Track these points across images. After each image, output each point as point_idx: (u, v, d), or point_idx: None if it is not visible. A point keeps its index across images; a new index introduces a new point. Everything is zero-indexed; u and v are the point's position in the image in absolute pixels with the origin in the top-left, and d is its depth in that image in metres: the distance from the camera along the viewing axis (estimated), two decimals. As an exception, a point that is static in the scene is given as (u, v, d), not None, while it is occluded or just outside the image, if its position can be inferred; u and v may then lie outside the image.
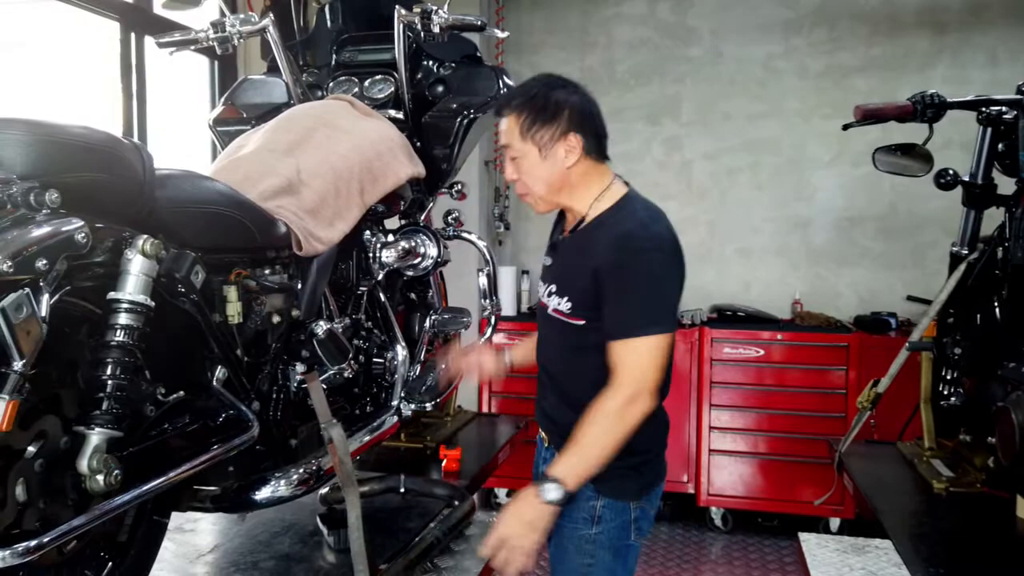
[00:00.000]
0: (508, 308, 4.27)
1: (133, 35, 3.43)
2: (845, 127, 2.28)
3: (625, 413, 1.50)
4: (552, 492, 1.48)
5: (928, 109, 2.17)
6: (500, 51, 4.53)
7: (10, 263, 0.96)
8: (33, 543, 0.96)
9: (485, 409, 4.21)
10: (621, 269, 1.52)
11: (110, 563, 1.29)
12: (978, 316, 2.20)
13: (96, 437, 1.13)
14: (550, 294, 1.66)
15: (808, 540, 1.95)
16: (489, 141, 4.52)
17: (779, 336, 3.95)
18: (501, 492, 4.38)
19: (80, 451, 1.12)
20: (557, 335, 1.67)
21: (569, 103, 1.58)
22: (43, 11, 3.01)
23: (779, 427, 3.98)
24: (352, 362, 1.77)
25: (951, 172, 2.23)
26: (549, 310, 1.65)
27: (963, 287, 2.25)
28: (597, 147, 1.62)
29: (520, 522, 1.50)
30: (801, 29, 4.30)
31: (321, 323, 1.67)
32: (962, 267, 2.25)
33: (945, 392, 2.21)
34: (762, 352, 3.93)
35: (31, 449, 1.10)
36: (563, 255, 1.68)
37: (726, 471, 4.00)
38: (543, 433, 1.77)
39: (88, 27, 3.17)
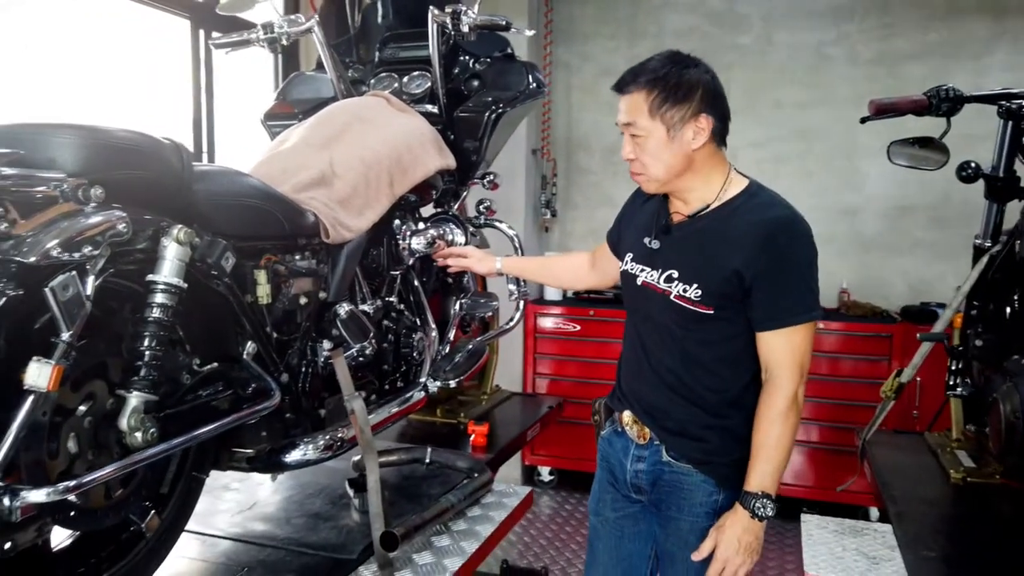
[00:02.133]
0: (554, 293, 4.40)
1: (202, 32, 3.67)
2: (862, 120, 2.30)
3: (796, 407, 1.53)
4: (767, 508, 1.52)
5: (943, 103, 2.18)
6: (548, 41, 4.62)
7: (60, 249, 1.13)
8: (73, 483, 1.14)
9: (529, 389, 4.35)
10: (782, 257, 1.51)
11: (152, 511, 1.48)
12: (998, 308, 2.21)
13: (135, 400, 1.30)
14: (669, 279, 1.60)
15: (808, 521, 2.01)
16: (537, 130, 4.63)
17: (820, 325, 3.94)
18: (544, 470, 4.53)
19: (121, 411, 1.30)
20: (675, 324, 1.61)
21: (702, 82, 1.52)
22: (96, 9, 3.25)
23: (820, 416, 3.99)
24: (373, 340, 1.92)
25: (973, 165, 2.23)
26: (671, 296, 1.59)
27: (985, 279, 2.25)
28: (722, 131, 1.57)
29: (741, 544, 1.53)
30: (853, 15, 4.25)
31: (345, 304, 1.83)
32: (984, 259, 2.25)
33: (951, 383, 2.23)
34: (804, 341, 3.94)
35: (81, 408, 1.29)
36: (686, 240, 1.60)
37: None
38: (635, 427, 1.69)
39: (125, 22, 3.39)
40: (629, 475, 1.71)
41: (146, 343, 1.32)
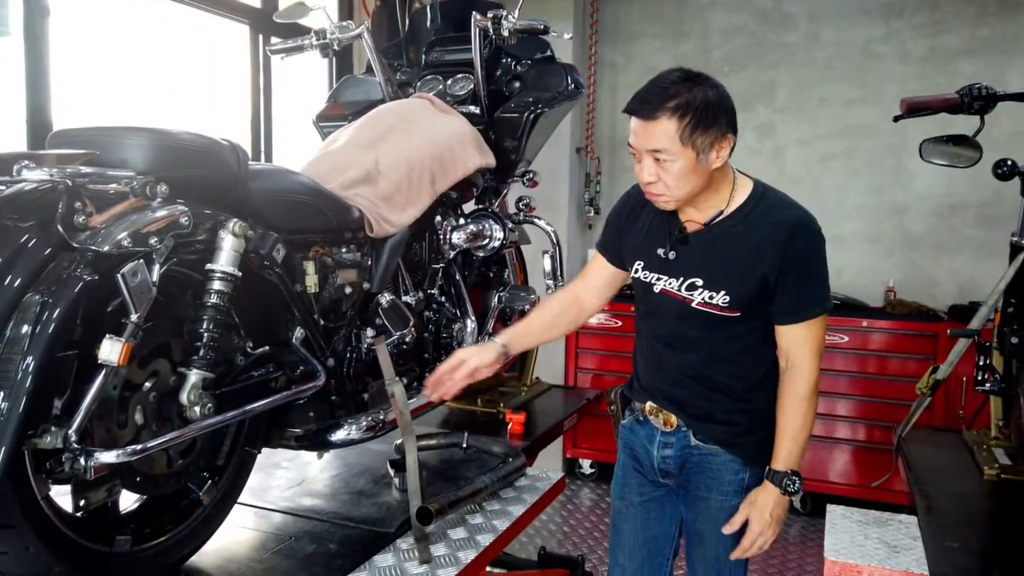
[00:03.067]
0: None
1: (261, 37, 3.85)
2: (896, 119, 2.32)
3: (816, 390, 1.64)
4: (794, 484, 1.64)
5: (976, 101, 2.18)
6: (593, 42, 4.69)
7: (129, 240, 1.26)
8: (139, 447, 1.28)
9: (571, 384, 4.43)
10: (802, 257, 1.57)
11: (209, 481, 1.62)
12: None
13: (194, 376, 1.44)
14: (691, 288, 1.64)
15: (834, 511, 2.05)
16: (581, 129, 4.70)
17: (864, 323, 3.94)
18: (585, 463, 4.61)
19: (182, 387, 1.44)
20: (697, 328, 1.67)
21: (722, 103, 1.54)
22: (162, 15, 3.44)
23: (864, 414, 3.98)
24: (414, 329, 2.03)
25: (1009, 162, 2.23)
26: (694, 303, 1.64)
27: (1022, 277, 2.25)
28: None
29: (772, 518, 1.65)
30: (903, 11, 4.21)
31: (387, 294, 1.94)
32: (1021, 256, 2.25)
33: (979, 378, 2.23)
34: (847, 339, 3.94)
35: (147, 384, 1.43)
36: (705, 248, 1.64)
37: (805, 455, 4.04)
38: (660, 416, 1.76)
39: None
40: (656, 461, 1.79)
41: (205, 326, 1.45)
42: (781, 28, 4.45)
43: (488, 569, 2.55)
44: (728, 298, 1.61)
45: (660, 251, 1.70)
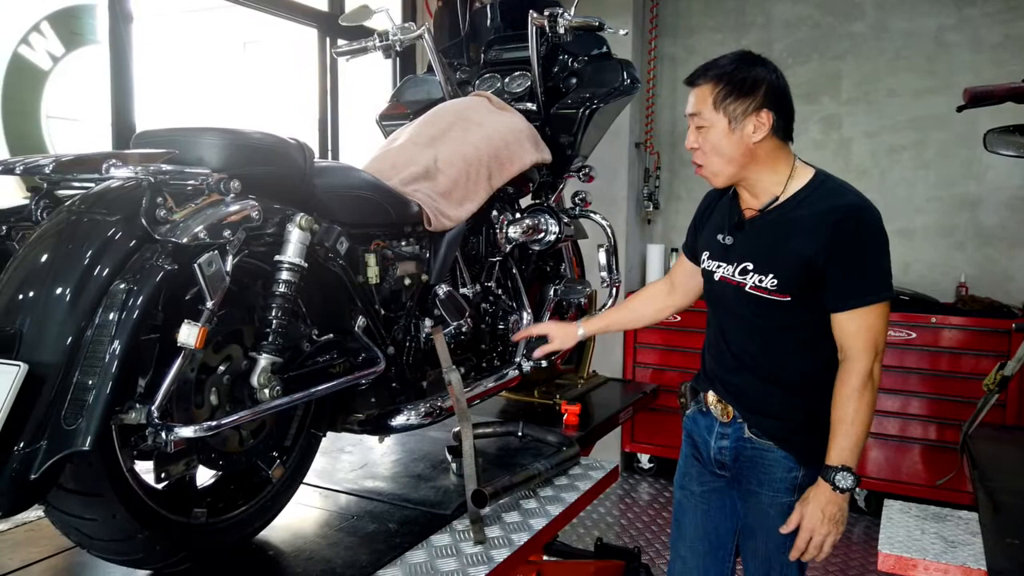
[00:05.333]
0: (657, 284, 4.47)
1: (328, 39, 3.99)
2: (959, 109, 2.27)
3: (871, 384, 1.60)
4: (847, 480, 1.59)
5: (1042, 89, 2.12)
6: (653, 36, 4.68)
7: (205, 232, 1.36)
8: (214, 423, 1.38)
9: (630, 377, 4.45)
10: (851, 241, 1.57)
11: (278, 460, 1.72)
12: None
13: (264, 360, 1.53)
14: (744, 272, 1.68)
15: (891, 506, 2.03)
16: (640, 124, 4.70)
17: (933, 320, 3.84)
18: (644, 457, 4.61)
19: (252, 370, 1.53)
20: (753, 314, 1.69)
21: (767, 80, 1.60)
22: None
23: (932, 412, 3.88)
24: (470, 320, 2.10)
25: (1079, 153, 2.16)
26: (747, 288, 1.68)
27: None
28: (785, 127, 1.64)
29: (825, 515, 1.61)
30: (976, -2, 4.08)
31: (444, 286, 2.02)
32: (1092, 249, 2.19)
33: (1043, 373, 2.17)
34: (914, 335, 3.85)
35: (221, 368, 1.53)
36: (757, 233, 1.69)
37: (870, 453, 3.97)
38: (719, 406, 1.79)
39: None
40: (713, 452, 1.82)
41: (274, 313, 1.54)
42: (847, 18, 4.36)
43: (544, 557, 2.60)
44: (776, 281, 1.63)
45: (720, 237, 1.75)
